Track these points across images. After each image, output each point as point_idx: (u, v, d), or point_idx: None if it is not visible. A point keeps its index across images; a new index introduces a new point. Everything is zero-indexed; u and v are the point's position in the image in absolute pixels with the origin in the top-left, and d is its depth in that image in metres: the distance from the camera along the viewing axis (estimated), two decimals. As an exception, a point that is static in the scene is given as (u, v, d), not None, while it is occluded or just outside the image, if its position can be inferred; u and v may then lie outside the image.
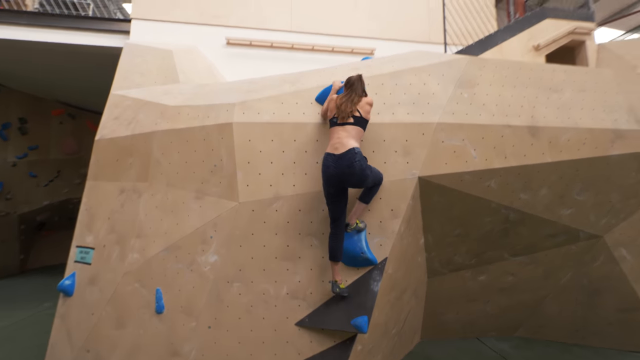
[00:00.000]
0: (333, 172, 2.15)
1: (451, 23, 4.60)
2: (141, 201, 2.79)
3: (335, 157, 2.16)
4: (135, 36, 4.50)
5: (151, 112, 2.99)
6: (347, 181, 2.17)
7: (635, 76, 3.09)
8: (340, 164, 2.13)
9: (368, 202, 2.39)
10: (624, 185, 2.92)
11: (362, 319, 2.26)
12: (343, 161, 2.13)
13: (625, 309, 3.47)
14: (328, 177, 2.19)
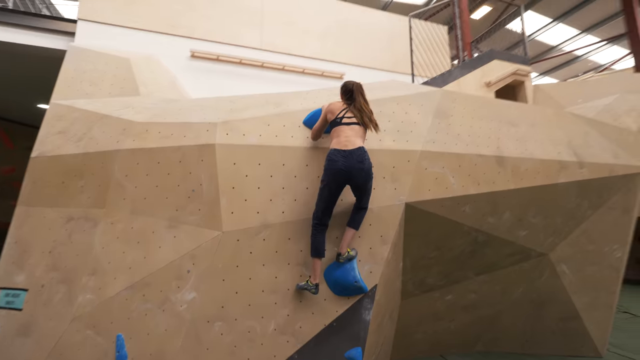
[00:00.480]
0: (342, 167, 2.11)
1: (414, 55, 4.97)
2: (97, 231, 2.38)
3: (344, 152, 2.15)
4: (82, 39, 4.00)
5: (110, 128, 2.63)
6: (355, 177, 2.15)
7: (568, 114, 3.61)
8: (350, 160, 2.12)
9: (357, 228, 2.35)
10: (566, 208, 3.35)
11: (356, 351, 2.18)
12: (354, 157, 2.12)
13: (565, 318, 3.91)
14: (336, 172, 2.13)
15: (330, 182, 2.16)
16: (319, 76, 4.67)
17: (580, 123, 3.57)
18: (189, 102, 2.93)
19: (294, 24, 4.68)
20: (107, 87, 3.33)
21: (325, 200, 2.18)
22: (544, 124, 3.34)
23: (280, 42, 4.60)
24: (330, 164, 2.15)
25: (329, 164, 2.16)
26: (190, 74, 4.16)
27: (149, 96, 3.28)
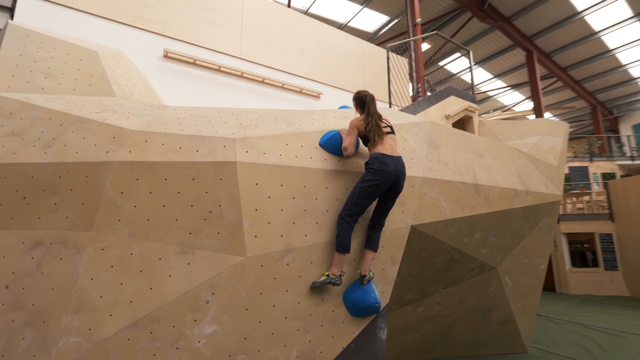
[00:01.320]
0: (393, 170, 2.28)
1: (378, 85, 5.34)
2: (81, 259, 1.97)
3: (394, 158, 2.33)
4: (23, 17, 3.31)
5: (92, 135, 2.22)
6: (399, 181, 2.36)
7: (515, 149, 4.33)
8: (398, 165, 2.32)
9: (376, 249, 2.44)
10: (514, 229, 3.98)
11: (378, 372, 2.23)
12: (400, 163, 2.36)
13: (503, 321, 4.58)
14: (388, 174, 2.27)
15: (380, 183, 2.26)
16: (298, 93, 4.68)
17: (523, 157, 4.32)
18: (184, 111, 2.64)
19: (273, 37, 4.62)
20: (70, 83, 2.81)
21: (367, 197, 2.28)
22: (502, 157, 3.95)
23: (260, 53, 4.49)
24: (382, 165, 2.26)
25: (380, 166, 2.26)
26: (162, 76, 3.75)
27: (126, 99, 2.86)
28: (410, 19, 7.11)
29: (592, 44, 11.04)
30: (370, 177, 2.26)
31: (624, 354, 4.45)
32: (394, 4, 9.47)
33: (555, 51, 11.38)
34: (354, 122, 2.44)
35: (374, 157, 2.31)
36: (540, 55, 10.97)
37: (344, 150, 2.43)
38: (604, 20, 10.03)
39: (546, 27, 10.27)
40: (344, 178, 2.51)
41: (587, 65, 12.23)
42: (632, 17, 9.84)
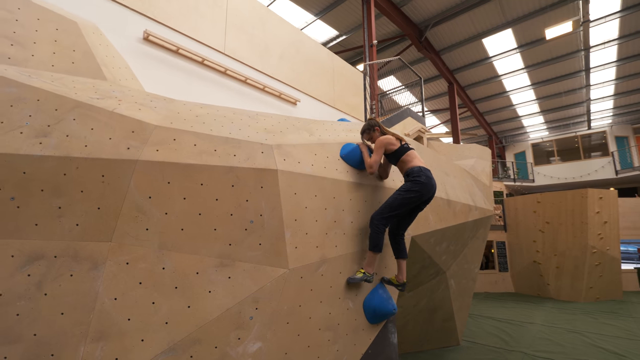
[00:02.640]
0: (434, 184, 2.52)
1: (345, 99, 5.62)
2: (100, 275, 1.65)
3: (430, 173, 2.55)
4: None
5: (105, 126, 1.89)
6: (432, 196, 2.57)
7: (465, 170, 5.06)
8: (434, 180, 2.54)
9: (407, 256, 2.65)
10: (464, 238, 4.65)
11: (394, 375, 2.40)
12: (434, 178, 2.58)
13: (446, 319, 5.27)
14: (430, 187, 2.50)
15: (423, 194, 2.47)
16: (277, 97, 4.61)
17: (469, 177, 5.08)
18: (197, 107, 2.40)
19: (256, 36, 4.48)
20: (46, 56, 2.29)
21: (406, 205, 2.46)
22: (458, 176, 4.59)
23: (244, 52, 4.29)
24: (427, 179, 2.48)
25: (427, 180, 2.47)
26: (141, 61, 3.30)
27: (118, 84, 2.46)
28: (366, 40, 7.65)
29: (495, 84, 13.53)
30: (416, 189, 2.44)
31: (525, 339, 5.52)
32: (346, 21, 10.01)
33: (468, 86, 13.57)
34: (383, 141, 2.58)
35: (418, 170, 2.50)
36: (458, 88, 12.92)
37: (369, 168, 2.56)
38: (505, 67, 12.40)
39: (465, 65, 12.19)
40: (363, 190, 2.64)
41: (489, 102, 14.92)
42: (523, 68, 12.41)
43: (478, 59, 11.86)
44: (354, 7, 9.29)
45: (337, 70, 5.74)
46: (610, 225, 8.72)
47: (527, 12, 9.60)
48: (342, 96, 5.74)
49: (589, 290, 8.41)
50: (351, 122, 3.41)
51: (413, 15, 9.75)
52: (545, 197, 9.47)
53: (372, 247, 2.39)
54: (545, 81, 13.27)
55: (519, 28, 10.24)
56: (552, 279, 9.01)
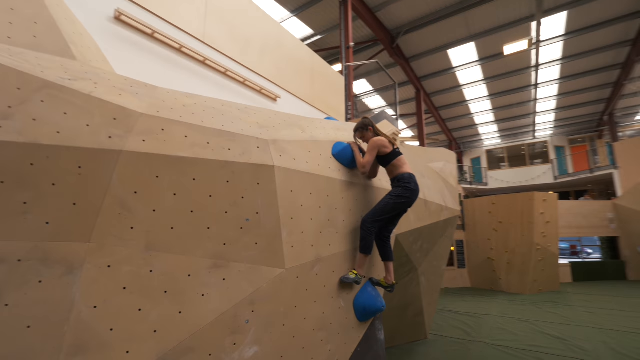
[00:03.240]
0: (419, 189, 2.58)
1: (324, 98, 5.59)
2: (76, 280, 1.44)
3: (416, 179, 2.59)
4: None
5: (81, 110, 1.66)
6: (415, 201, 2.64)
7: (436, 172, 5.26)
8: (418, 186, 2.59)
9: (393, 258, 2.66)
10: (435, 236, 4.83)
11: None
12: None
13: (416, 314, 5.45)
14: (417, 194, 2.57)
15: (412, 200, 2.53)
16: (258, 92, 4.44)
17: (440, 179, 5.30)
18: (182, 97, 2.20)
19: (237, 27, 4.28)
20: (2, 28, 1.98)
21: (396, 210, 2.50)
22: (432, 178, 4.76)
23: (224, 42, 4.08)
24: (416, 186, 2.52)
25: (415, 187, 2.52)
26: (111, 43, 2.98)
27: (90, 66, 2.20)
28: (343, 42, 7.69)
29: (457, 93, 14.33)
30: (407, 195, 2.49)
31: (484, 330, 5.88)
32: (322, 21, 9.98)
33: (433, 93, 14.22)
34: (377, 142, 2.58)
35: (409, 177, 2.54)
36: (424, 95, 13.49)
37: (362, 168, 2.55)
38: (466, 78, 13.18)
39: (431, 73, 12.75)
40: (354, 189, 2.61)
41: (450, 109, 15.77)
42: (482, 80, 13.29)
43: (443, 68, 12.47)
44: (330, 8, 9.30)
45: (316, 69, 5.69)
46: (551, 225, 9.61)
47: (489, 28, 10.28)
48: (320, 95, 5.69)
49: (534, 283, 9.20)
50: (339, 121, 3.38)
51: (386, 21, 9.99)
52: (499, 199, 10.20)
53: (364, 249, 2.38)
54: (500, 93, 14.33)
55: (480, 42, 10.93)
56: (503, 273, 9.73)
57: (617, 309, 6.85)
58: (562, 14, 9.68)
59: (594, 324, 5.77)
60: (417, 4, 9.42)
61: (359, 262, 2.39)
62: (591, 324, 5.78)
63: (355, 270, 2.38)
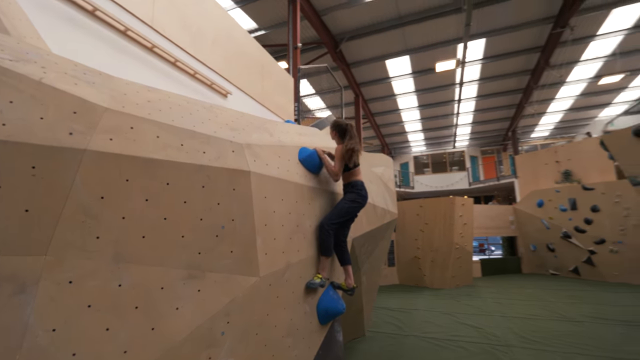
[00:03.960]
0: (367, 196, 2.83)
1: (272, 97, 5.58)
2: (30, 301, 1.24)
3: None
4: None
5: (32, 100, 1.43)
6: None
7: (378, 177, 5.63)
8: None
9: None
10: (377, 238, 5.18)
11: (341, 371, 2.54)
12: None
13: (357, 311, 5.76)
14: (366, 200, 2.84)
15: (363, 206, 2.76)
16: (208, 87, 4.22)
17: (382, 183, 5.69)
18: (144, 90, 2.00)
19: (188, 15, 4.00)
20: None
21: (350, 214, 2.70)
22: (376, 182, 5.09)
23: (174, 30, 3.78)
24: (365, 192, 2.77)
25: (366, 193, 2.77)
26: (44, 18, 2.54)
27: (27, 44, 1.88)
28: (291, 42, 7.72)
29: (391, 101, 15.43)
30: (360, 200, 2.64)
31: (415, 324, 6.50)
32: (268, 16, 9.83)
33: (370, 100, 15.07)
34: (342, 152, 2.69)
35: (361, 184, 2.74)
36: (362, 100, 14.21)
37: (334, 176, 2.70)
38: (400, 88, 14.27)
39: (370, 80, 13.50)
40: (319, 195, 2.69)
41: (384, 116, 16.90)
42: (414, 91, 14.54)
43: (381, 77, 13.31)
44: (278, 5, 9.21)
45: (266, 67, 5.61)
46: (467, 226, 11.00)
47: (423, 45, 11.31)
48: (270, 94, 5.63)
49: (452, 279, 10.42)
50: (298, 125, 3.42)
51: (332, 26, 10.28)
52: (426, 203, 11.29)
53: (325, 251, 2.48)
54: (428, 105, 15.86)
55: (415, 57, 11.96)
56: (427, 270, 10.81)
57: (517, 299, 8.16)
58: (481, 40, 11.15)
59: (500, 312, 6.80)
60: (360, 14, 9.90)
61: (322, 265, 2.48)
62: (498, 313, 6.80)
63: (320, 274, 2.46)
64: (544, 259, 12.34)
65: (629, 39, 10.96)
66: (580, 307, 6.97)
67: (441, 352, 4.74)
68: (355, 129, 2.95)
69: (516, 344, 4.83)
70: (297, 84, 6.88)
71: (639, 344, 4.66)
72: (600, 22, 10.09)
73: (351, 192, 2.72)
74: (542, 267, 12.45)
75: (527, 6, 9.42)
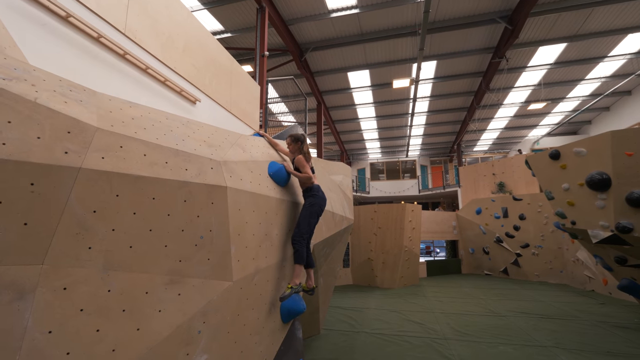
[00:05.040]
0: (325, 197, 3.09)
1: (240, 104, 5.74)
2: (29, 306, 1.38)
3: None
4: None
5: (29, 120, 1.55)
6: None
7: (337, 185, 6.04)
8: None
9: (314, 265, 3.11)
10: (335, 243, 5.57)
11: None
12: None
13: (313, 312, 6.09)
14: (325, 201, 3.09)
15: (323, 206, 3.00)
16: (178, 93, 4.29)
17: (340, 191, 6.10)
18: (126, 106, 2.13)
19: (159, 22, 4.06)
20: None
21: (315, 217, 2.95)
22: (336, 191, 5.48)
23: (145, 36, 3.81)
24: (322, 194, 3.04)
25: (322, 194, 3.02)
26: (16, 23, 2.53)
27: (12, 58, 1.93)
28: (258, 50, 7.90)
29: (351, 111, 16.13)
30: (317, 201, 2.97)
31: (366, 322, 7.00)
32: (235, 20, 9.86)
33: (332, 107, 15.62)
34: (305, 158, 3.07)
35: (317, 187, 3.05)
36: (324, 108, 14.69)
37: (309, 179, 3.02)
38: (360, 99, 14.99)
39: (332, 90, 14.02)
40: (285, 206, 2.98)
41: (344, 124, 17.58)
42: (372, 103, 15.36)
43: (343, 87, 13.90)
44: (246, 10, 9.30)
45: (234, 75, 5.75)
46: (416, 230, 11.92)
47: (382, 61, 12.07)
48: (237, 102, 5.78)
49: (401, 279, 11.22)
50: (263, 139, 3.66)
51: (298, 36, 10.58)
52: (379, 208, 12.02)
53: (298, 260, 2.77)
54: (385, 116, 16.82)
55: (374, 71, 12.70)
56: (379, 271, 11.51)
57: (456, 297, 9.08)
58: (433, 62, 12.19)
59: (440, 310, 7.56)
60: (326, 27, 10.35)
61: (296, 272, 2.75)
62: (439, 310, 7.55)
63: (291, 283, 2.72)
64: (480, 261, 13.73)
65: (551, 73, 12.74)
66: (506, 304, 7.99)
67: (389, 347, 5.23)
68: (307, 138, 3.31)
69: (452, 337, 5.49)
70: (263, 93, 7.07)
71: (544, 332, 5.58)
72: (530, 56, 11.61)
73: (309, 197, 3.02)
74: (479, 268, 13.84)
75: (472, 37, 10.57)
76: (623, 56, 11.60)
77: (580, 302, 8.05)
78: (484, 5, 9.22)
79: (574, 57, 11.72)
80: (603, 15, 9.46)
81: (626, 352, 4.61)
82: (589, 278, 9.77)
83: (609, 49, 11.17)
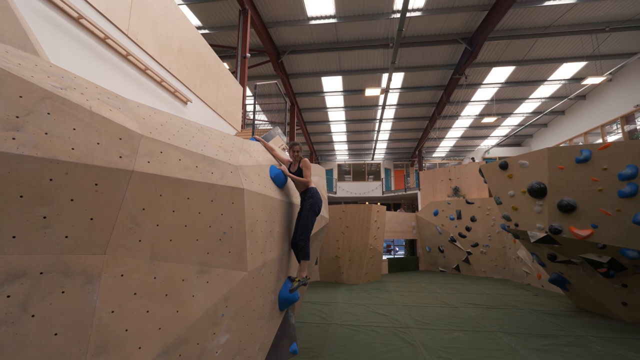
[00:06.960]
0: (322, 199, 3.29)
1: (226, 106, 5.94)
2: (96, 289, 1.62)
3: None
4: None
5: (89, 127, 1.77)
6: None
7: (316, 187, 6.42)
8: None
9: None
10: (318, 241, 5.95)
11: (294, 345, 3.20)
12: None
13: (288, 305, 6.42)
14: (321, 202, 3.43)
15: (319, 207, 3.34)
16: (172, 94, 4.43)
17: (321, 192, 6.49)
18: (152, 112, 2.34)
19: (159, 25, 4.18)
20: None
21: (314, 215, 3.32)
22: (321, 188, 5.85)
23: (146, 38, 3.93)
24: (319, 195, 3.37)
25: (320, 195, 3.37)
26: (32, 22, 2.59)
27: (56, 66, 2.08)
28: (240, 51, 8.06)
29: (322, 113, 16.61)
30: (317, 203, 3.33)
31: (336, 314, 7.48)
32: (215, 18, 9.85)
33: (304, 109, 15.98)
34: (309, 162, 3.40)
35: (315, 190, 3.40)
36: (297, 109, 15.01)
37: (310, 183, 3.33)
38: (332, 103, 15.52)
39: (306, 92, 14.39)
40: (284, 206, 3.32)
41: (315, 125, 18.03)
42: (343, 107, 15.96)
43: (316, 90, 14.32)
44: (226, 9, 9.35)
45: (221, 77, 5.92)
46: (380, 230, 12.69)
47: (354, 69, 12.68)
48: (223, 103, 5.96)
49: (365, 275, 11.91)
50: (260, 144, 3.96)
51: (276, 38, 10.81)
52: (348, 208, 12.62)
53: (305, 256, 3.14)
54: (354, 120, 17.54)
55: (346, 78, 13.28)
56: (345, 268, 12.10)
57: (415, 291, 9.90)
58: (401, 73, 13.05)
59: (402, 303, 8.27)
60: (304, 32, 10.70)
61: (302, 267, 3.11)
62: (401, 303, 8.26)
63: (297, 276, 3.08)
64: (436, 259, 14.92)
65: (502, 91, 14.24)
66: (458, 296, 8.94)
67: (358, 336, 5.74)
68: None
69: (413, 326, 6.14)
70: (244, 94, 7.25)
71: (490, 320, 6.46)
72: (485, 74, 12.92)
73: (309, 198, 3.39)
74: (434, 265, 15.02)
75: (437, 54, 11.53)
76: (559, 81, 13.33)
77: (519, 294, 9.24)
78: (448, 26, 10.15)
79: (521, 79, 13.23)
80: (545, 46, 10.87)
81: (555, 334, 5.56)
82: (526, 273, 11.16)
83: (549, 74, 12.79)
